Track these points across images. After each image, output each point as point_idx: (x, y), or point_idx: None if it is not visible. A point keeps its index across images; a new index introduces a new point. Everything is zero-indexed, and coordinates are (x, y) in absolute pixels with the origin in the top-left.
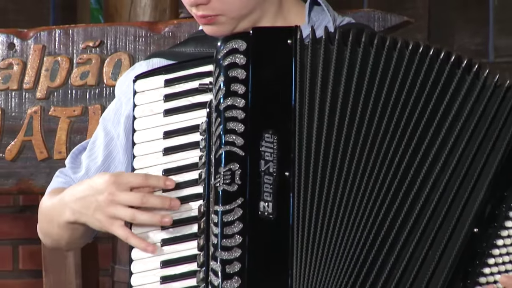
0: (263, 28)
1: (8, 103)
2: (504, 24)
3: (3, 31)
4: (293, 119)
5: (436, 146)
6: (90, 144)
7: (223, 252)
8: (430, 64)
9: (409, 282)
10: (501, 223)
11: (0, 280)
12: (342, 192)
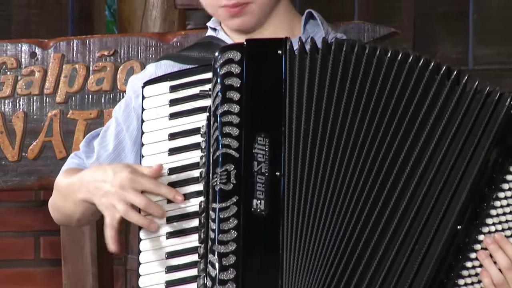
0: (255, 39)
1: (30, 107)
2: (482, 36)
3: (26, 41)
4: (283, 123)
5: (418, 147)
6: (102, 133)
7: (219, 246)
8: (410, 70)
9: (397, 274)
10: (482, 220)
11: (23, 268)
12: (328, 190)
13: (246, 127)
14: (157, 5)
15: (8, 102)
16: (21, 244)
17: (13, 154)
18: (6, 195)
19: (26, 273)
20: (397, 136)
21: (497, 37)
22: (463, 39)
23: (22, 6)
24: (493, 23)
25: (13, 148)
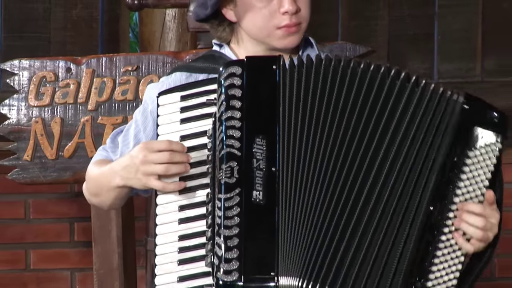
0: (254, 56)
1: (66, 113)
2: (445, 54)
3: (62, 58)
4: (278, 126)
5: (387, 140)
6: (125, 131)
7: (225, 230)
8: (372, 76)
9: (387, 252)
10: (450, 199)
11: (60, 249)
12: (314, 182)
13: (247, 130)
14: (172, 29)
15: (48, 109)
16: (59, 229)
17: (51, 153)
18: (46, 187)
19: (62, 253)
20: (366, 133)
21: (457, 55)
22: (429, 56)
23: (59, 29)
24: (454, 43)
25: (52, 148)
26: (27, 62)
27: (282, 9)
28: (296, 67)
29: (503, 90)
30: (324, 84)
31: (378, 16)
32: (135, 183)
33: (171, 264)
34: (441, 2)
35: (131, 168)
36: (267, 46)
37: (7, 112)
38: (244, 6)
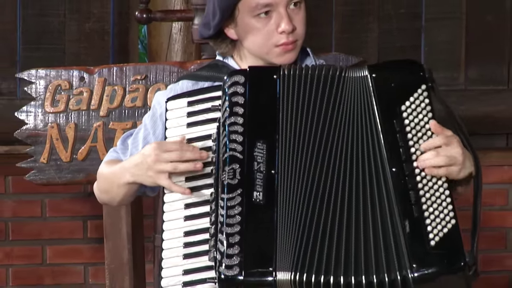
0: (256, 66)
1: (80, 119)
2: (431, 64)
3: (76, 68)
4: (277, 132)
5: (348, 137)
6: (134, 135)
7: (227, 228)
8: (336, 79)
9: (381, 220)
10: (407, 155)
11: (74, 245)
12: (306, 182)
13: (248, 135)
14: (178, 40)
15: (62, 115)
16: (73, 226)
17: (66, 156)
18: (61, 188)
19: (76, 249)
20: (345, 137)
21: (442, 65)
22: None
23: (73, 41)
24: (439, 54)
25: (66, 152)
26: (44, 71)
27: (280, 28)
28: (296, 76)
29: (484, 97)
30: (317, 93)
31: (368, 29)
32: (145, 180)
33: (176, 258)
34: (428, 16)
35: (143, 165)
36: (267, 62)
37: (25, 118)
38: (244, 26)
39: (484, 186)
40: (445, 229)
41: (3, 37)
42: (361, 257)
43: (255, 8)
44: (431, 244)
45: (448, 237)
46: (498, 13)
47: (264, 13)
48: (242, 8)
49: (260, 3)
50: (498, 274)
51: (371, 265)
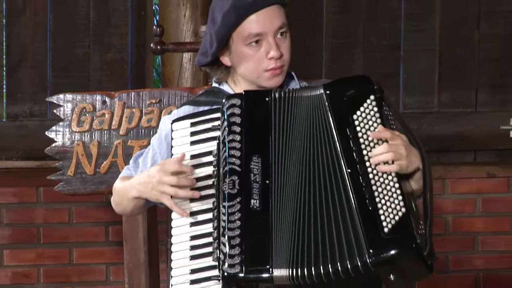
0: (250, 90)
1: (102, 137)
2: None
3: (99, 93)
4: (270, 147)
5: (318, 152)
6: (144, 154)
7: (229, 231)
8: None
9: (349, 217)
10: (360, 157)
11: (97, 247)
12: (297, 190)
13: (245, 150)
14: (188, 69)
15: (87, 134)
16: (96, 231)
17: (90, 170)
18: (86, 197)
19: (99, 251)
20: (319, 151)
21: (419, 90)
22: (396, 91)
23: (97, 69)
24: (416, 80)
25: (91, 166)
26: (70, 96)
27: (269, 55)
28: (285, 99)
29: (456, 118)
30: (293, 107)
31: (354, 59)
32: (150, 197)
33: (184, 259)
34: (406, 48)
35: (148, 184)
36: (258, 85)
37: (54, 136)
38: (237, 54)
39: (455, 195)
40: (396, 217)
41: (35, 66)
42: (327, 250)
43: (247, 37)
44: (385, 231)
45: (399, 224)
46: (467, 46)
47: (255, 42)
48: (236, 38)
49: (251, 33)
50: (467, 273)
51: (335, 256)
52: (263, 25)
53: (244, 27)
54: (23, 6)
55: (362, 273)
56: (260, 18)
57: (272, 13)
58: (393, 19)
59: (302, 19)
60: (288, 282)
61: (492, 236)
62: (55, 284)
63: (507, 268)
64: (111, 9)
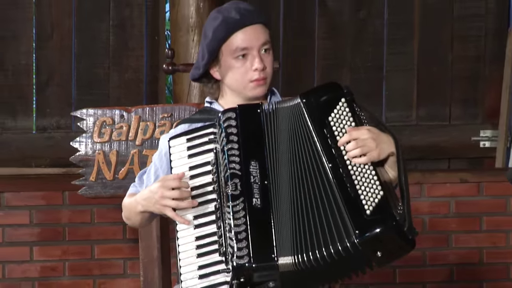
0: (243, 104)
1: (120, 147)
2: (391, 105)
3: (117, 108)
4: (265, 152)
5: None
6: (147, 171)
7: (235, 227)
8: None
9: (336, 204)
10: (338, 152)
11: (116, 244)
12: (291, 187)
13: (244, 156)
14: (196, 87)
15: (107, 144)
16: (115, 229)
17: (110, 176)
18: (106, 200)
19: (118, 247)
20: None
21: (399, 106)
22: (379, 106)
23: (115, 87)
24: (397, 97)
25: (110, 172)
26: (92, 111)
27: (253, 67)
28: (273, 110)
29: (432, 130)
30: (281, 118)
31: (342, 78)
32: (154, 210)
33: (191, 258)
34: (388, 68)
35: (151, 199)
36: (243, 96)
37: (78, 146)
38: (226, 66)
39: (431, 198)
40: (376, 200)
41: (61, 85)
42: (320, 236)
43: (234, 51)
44: (367, 214)
45: (379, 206)
46: (442, 66)
47: (242, 56)
48: (225, 51)
49: (238, 47)
50: (442, 267)
51: (327, 240)
52: (249, 41)
53: (232, 41)
54: (51, 32)
55: (352, 253)
56: (246, 34)
57: (257, 31)
58: (377, 43)
59: (296, 43)
60: (292, 268)
61: (464, 234)
62: (79, 277)
63: (477, 263)
64: (128, 35)
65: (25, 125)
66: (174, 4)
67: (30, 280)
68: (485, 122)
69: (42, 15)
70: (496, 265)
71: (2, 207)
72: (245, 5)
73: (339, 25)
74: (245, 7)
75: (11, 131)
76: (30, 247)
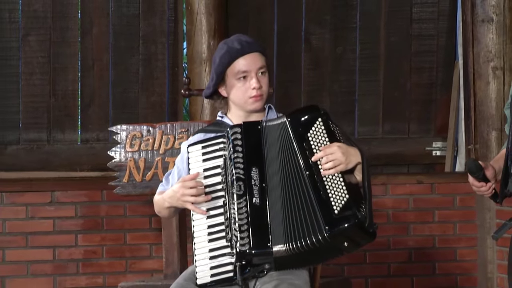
0: (247, 122)
1: (147, 155)
2: (362, 121)
3: (144, 124)
4: (263, 160)
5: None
6: (172, 173)
7: (239, 221)
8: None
9: (316, 203)
10: (316, 168)
11: (144, 232)
12: (281, 188)
13: (247, 164)
14: (207, 108)
15: (136, 153)
16: (143, 221)
17: (139, 178)
18: (136, 197)
19: (145, 235)
20: (290, 161)
21: (369, 122)
22: (352, 123)
23: (143, 108)
24: (367, 116)
25: (139, 175)
26: (125, 126)
27: (252, 86)
28: (271, 126)
29: (395, 143)
30: (276, 131)
31: (323, 101)
32: (177, 205)
33: (204, 242)
34: (359, 93)
35: (174, 197)
36: (244, 109)
37: (114, 154)
38: (230, 85)
39: (393, 196)
40: (342, 202)
41: (100, 106)
42: (301, 229)
43: (237, 73)
44: (335, 213)
45: (344, 206)
46: (402, 91)
47: (243, 77)
48: (229, 74)
49: (240, 70)
50: (403, 250)
51: (305, 233)
52: (248, 65)
53: (234, 66)
54: (92, 64)
55: (324, 244)
56: (246, 60)
57: (255, 57)
58: (350, 73)
59: (286, 74)
60: (284, 254)
61: (420, 224)
62: (114, 258)
63: (431, 247)
64: (154, 66)
65: (71, 138)
66: (190, 42)
67: (75, 261)
68: (437, 135)
69: (85, 50)
70: (446, 249)
71: (53, 203)
72: (246, 38)
73: (321, 59)
74: (246, 39)
75: (61, 142)
76: (75, 234)
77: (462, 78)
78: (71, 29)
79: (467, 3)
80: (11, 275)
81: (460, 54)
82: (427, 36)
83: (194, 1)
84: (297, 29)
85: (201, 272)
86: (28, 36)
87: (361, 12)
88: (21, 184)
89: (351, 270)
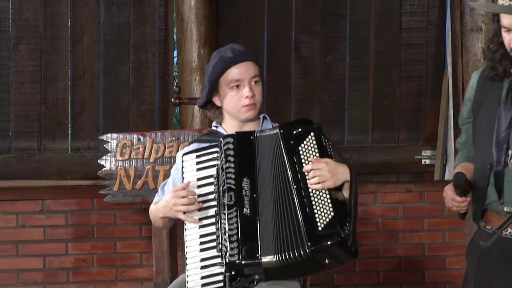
0: (240, 132)
1: (137, 164)
2: (351, 130)
3: (135, 133)
4: (255, 171)
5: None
6: (167, 183)
7: (229, 231)
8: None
9: (302, 214)
10: (303, 177)
11: (133, 241)
12: (272, 200)
13: (238, 174)
14: (198, 116)
15: (127, 162)
16: (133, 229)
17: (129, 187)
18: (126, 206)
19: (135, 243)
20: (280, 172)
21: (358, 131)
22: (342, 131)
23: (134, 116)
24: (356, 124)
25: (129, 184)
26: (115, 135)
27: (245, 94)
28: (263, 137)
29: (384, 151)
30: (269, 142)
31: (313, 110)
32: (170, 215)
33: (195, 252)
34: (349, 102)
35: (167, 207)
36: (238, 118)
37: (104, 163)
38: (224, 94)
39: (383, 204)
40: (327, 219)
41: (91, 114)
42: (286, 243)
43: (230, 82)
44: (319, 229)
45: (328, 224)
46: (391, 100)
47: (236, 86)
48: (222, 83)
49: (233, 79)
50: (392, 259)
51: (289, 247)
52: (241, 74)
53: (227, 75)
54: (82, 72)
55: (305, 259)
56: (239, 69)
57: (248, 66)
58: (340, 82)
59: (277, 82)
60: (274, 265)
61: (409, 233)
62: (104, 267)
63: (420, 255)
64: (144, 75)
65: (62, 146)
66: (181, 51)
67: (65, 269)
68: (426, 144)
69: (76, 59)
70: (435, 257)
71: (43, 211)
72: (239, 47)
73: (311, 68)
74: (239, 48)
75: (51, 151)
76: (65, 243)
77: (451, 87)
78: (62, 38)
79: (456, 12)
80: (2, 283)
81: (449, 63)
82: (416, 45)
83: (184, 10)
84: (287, 38)
85: (192, 282)
86: (19, 45)
87: (351, 21)
88: (12, 192)
89: (340, 278)
